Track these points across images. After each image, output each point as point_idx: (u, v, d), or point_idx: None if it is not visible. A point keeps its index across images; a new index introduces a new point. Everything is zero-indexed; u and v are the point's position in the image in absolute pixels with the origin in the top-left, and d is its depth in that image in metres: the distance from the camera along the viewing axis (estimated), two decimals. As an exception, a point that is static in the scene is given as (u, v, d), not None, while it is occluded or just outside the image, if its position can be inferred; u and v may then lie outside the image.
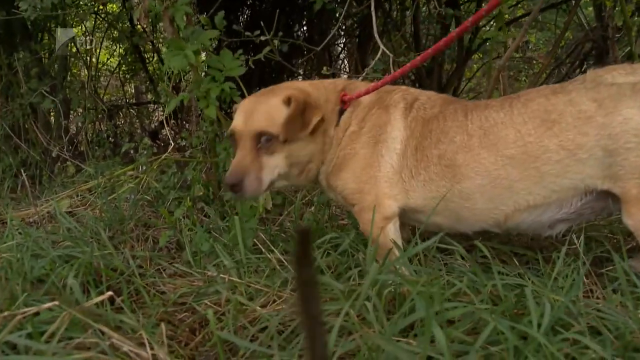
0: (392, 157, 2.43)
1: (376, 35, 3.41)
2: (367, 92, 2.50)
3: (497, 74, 3.45)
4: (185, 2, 3.10)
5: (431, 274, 1.96)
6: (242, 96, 3.42)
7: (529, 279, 2.11)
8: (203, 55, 3.44)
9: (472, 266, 2.16)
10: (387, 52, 3.34)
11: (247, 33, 3.65)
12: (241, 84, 3.49)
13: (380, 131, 2.46)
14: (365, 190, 2.43)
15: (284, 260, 2.23)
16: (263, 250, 2.34)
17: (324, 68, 4.12)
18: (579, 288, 1.86)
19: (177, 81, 4.63)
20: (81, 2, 5.49)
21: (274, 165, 2.39)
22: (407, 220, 2.57)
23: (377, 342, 1.49)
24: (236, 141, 2.42)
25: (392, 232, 2.44)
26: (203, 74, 3.37)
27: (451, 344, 1.57)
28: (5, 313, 1.59)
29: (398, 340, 1.61)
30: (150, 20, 3.18)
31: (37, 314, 1.74)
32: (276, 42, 3.59)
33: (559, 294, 1.92)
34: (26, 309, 1.59)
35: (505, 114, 2.29)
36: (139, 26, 6.48)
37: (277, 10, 3.68)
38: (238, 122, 2.42)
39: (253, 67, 3.41)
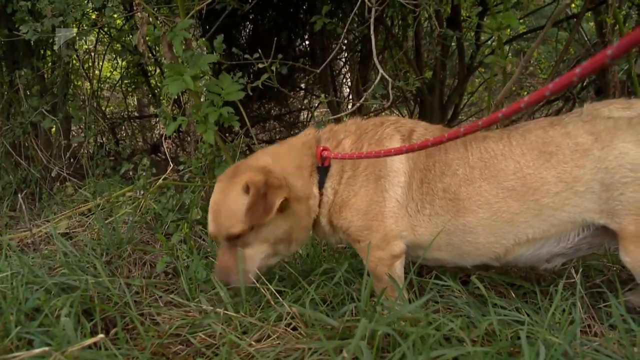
0: (397, 190, 2.37)
1: (376, 60, 3.40)
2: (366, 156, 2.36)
3: (495, 109, 3.43)
4: (183, 28, 3.11)
5: (425, 314, 1.94)
6: (241, 120, 3.43)
7: (527, 314, 2.09)
8: (203, 79, 3.45)
9: (467, 300, 2.15)
10: (387, 76, 3.33)
11: (247, 56, 3.65)
12: (240, 106, 3.50)
13: (379, 166, 2.39)
14: (374, 228, 2.37)
15: (278, 295, 2.21)
16: (257, 285, 2.32)
17: (323, 95, 4.12)
18: (576, 329, 1.83)
19: (177, 96, 4.65)
20: (83, 19, 5.50)
21: (253, 255, 2.39)
22: (409, 256, 2.49)
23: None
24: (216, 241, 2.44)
25: (399, 269, 2.41)
26: (202, 97, 3.38)
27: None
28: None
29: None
30: (149, 44, 3.18)
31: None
32: (275, 67, 3.57)
33: (556, 330, 1.91)
34: (17, 354, 1.58)
35: (504, 145, 2.29)
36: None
37: (275, 39, 3.67)
38: (210, 226, 2.43)
39: (251, 93, 3.40)
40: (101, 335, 1.69)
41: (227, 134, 6.35)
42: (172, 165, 3.89)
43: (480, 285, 2.20)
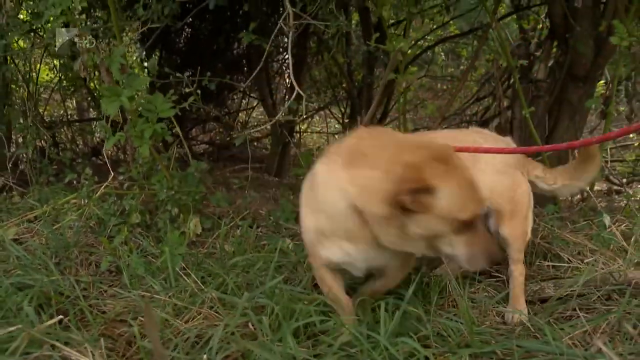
0: None
1: (292, 79, 3.92)
2: None
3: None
4: (120, 54, 3.54)
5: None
6: (173, 134, 3.88)
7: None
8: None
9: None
10: (301, 92, 3.85)
11: (178, 74, 4.11)
12: (174, 120, 3.94)
13: None
14: None
15: (201, 284, 2.76)
16: (187, 275, 2.82)
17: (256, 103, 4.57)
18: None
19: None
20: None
21: None
22: None
23: None
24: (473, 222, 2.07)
25: None
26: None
27: None
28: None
29: None
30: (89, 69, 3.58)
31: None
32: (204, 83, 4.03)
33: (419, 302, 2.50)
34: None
35: None
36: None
37: (211, 44, 4.13)
38: (478, 202, 2.08)
39: (179, 113, 3.83)
40: (60, 316, 2.18)
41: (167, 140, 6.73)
42: (112, 174, 4.30)
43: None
